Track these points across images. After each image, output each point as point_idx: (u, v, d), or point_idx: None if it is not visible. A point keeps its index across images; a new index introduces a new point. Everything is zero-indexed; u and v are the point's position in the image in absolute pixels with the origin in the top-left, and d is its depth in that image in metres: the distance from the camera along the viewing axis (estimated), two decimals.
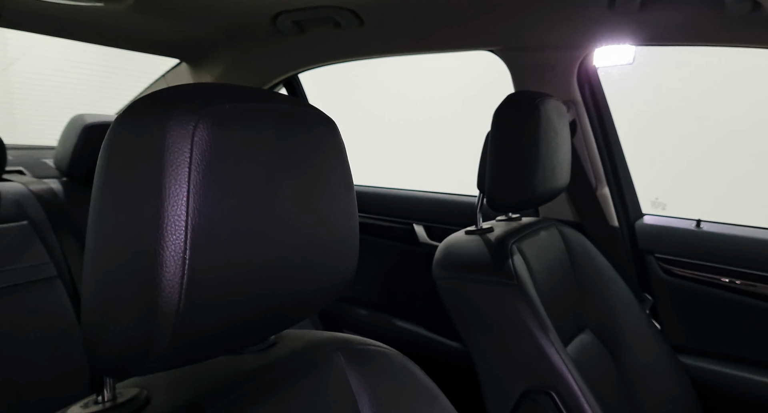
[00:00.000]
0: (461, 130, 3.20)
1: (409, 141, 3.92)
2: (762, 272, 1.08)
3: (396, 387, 0.52)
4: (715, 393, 1.12)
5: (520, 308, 0.79)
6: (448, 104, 3.68)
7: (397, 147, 3.97)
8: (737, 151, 2.41)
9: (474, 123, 1.01)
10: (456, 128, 3.44)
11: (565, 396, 0.75)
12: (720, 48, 0.96)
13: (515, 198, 0.89)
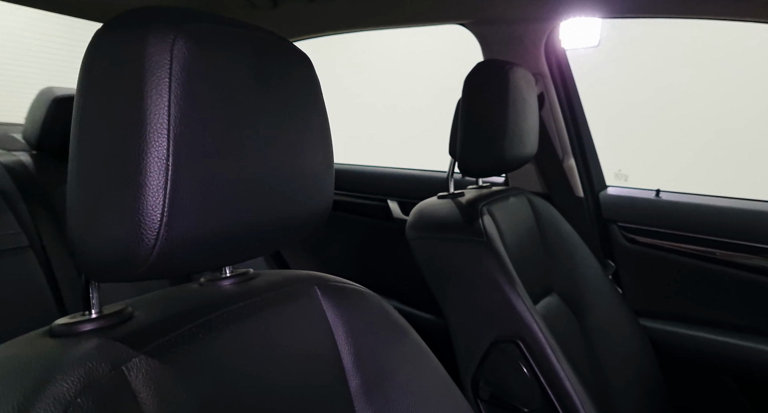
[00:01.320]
0: (435, 101, 3.25)
1: (386, 117, 3.99)
2: (717, 237, 1.15)
3: (369, 320, 0.54)
4: (670, 351, 1.19)
5: (489, 263, 0.83)
6: (423, 78, 3.75)
7: (375, 121, 4.03)
8: (695, 126, 2.60)
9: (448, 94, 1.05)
10: (430, 100, 3.49)
11: (531, 344, 0.79)
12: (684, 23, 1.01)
13: (486, 162, 0.92)
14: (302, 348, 0.48)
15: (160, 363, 0.37)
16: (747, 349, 1.11)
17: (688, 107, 2.62)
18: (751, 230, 1.12)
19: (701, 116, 2.58)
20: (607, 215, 1.28)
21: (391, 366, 0.54)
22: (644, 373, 1.12)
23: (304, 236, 0.49)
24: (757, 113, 2.54)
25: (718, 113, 2.55)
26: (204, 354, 0.40)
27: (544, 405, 0.79)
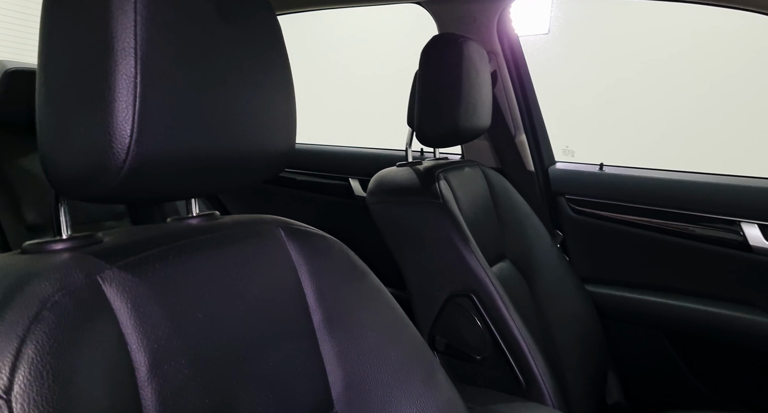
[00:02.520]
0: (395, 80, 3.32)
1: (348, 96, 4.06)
2: (656, 207, 1.25)
3: (331, 262, 0.58)
4: (611, 312, 1.28)
5: (444, 223, 0.88)
6: (382, 57, 3.85)
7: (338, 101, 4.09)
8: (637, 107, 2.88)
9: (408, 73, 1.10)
10: (390, 78, 3.56)
11: (483, 297, 0.85)
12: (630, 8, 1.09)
13: (442, 132, 0.97)
14: (267, 282, 0.52)
15: (133, 276, 0.39)
16: (677, 307, 1.22)
17: (632, 89, 2.92)
18: (686, 199, 1.22)
19: (643, 97, 2.89)
20: (556, 188, 1.36)
21: (352, 303, 0.58)
22: (588, 332, 1.21)
23: (268, 176, 0.52)
24: (697, 94, 2.79)
25: (659, 95, 2.85)
26: (174, 274, 0.43)
27: (494, 352, 0.85)
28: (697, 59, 2.81)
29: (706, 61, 2.80)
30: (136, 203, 0.44)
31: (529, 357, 0.83)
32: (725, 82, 2.78)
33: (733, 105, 2.75)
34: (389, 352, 0.58)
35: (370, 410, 0.56)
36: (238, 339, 0.46)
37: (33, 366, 0.30)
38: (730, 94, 2.77)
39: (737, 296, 1.18)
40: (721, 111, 2.80)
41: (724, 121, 2.78)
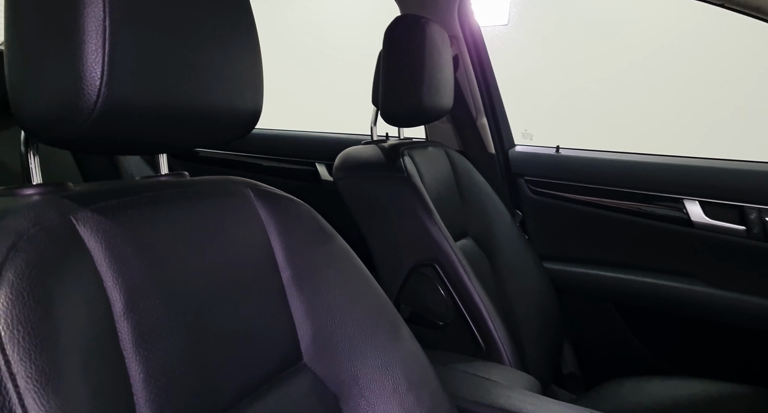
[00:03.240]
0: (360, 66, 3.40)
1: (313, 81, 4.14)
2: (608, 187, 1.32)
3: (299, 222, 0.60)
4: (567, 286, 1.35)
5: (408, 196, 0.91)
6: (348, 40, 3.94)
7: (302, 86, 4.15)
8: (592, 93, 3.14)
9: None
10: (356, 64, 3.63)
11: (446, 266, 0.89)
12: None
13: (406, 110, 1.00)
14: (237, 238, 0.53)
15: (106, 219, 0.40)
16: (627, 281, 1.30)
17: (588, 77, 3.17)
18: (636, 179, 1.29)
19: (599, 84, 3.14)
20: (515, 169, 1.41)
21: (320, 262, 0.61)
22: (545, 306, 1.27)
23: (235, 137, 0.53)
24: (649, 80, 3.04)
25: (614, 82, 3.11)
26: (146, 221, 0.44)
27: (456, 318, 0.89)
28: (652, 48, 3.04)
29: (660, 49, 3.04)
30: (105, 152, 0.44)
31: (489, 322, 0.88)
32: (677, 68, 3.02)
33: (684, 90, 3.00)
34: (355, 308, 0.61)
35: (337, 362, 0.59)
36: (209, 289, 0.48)
37: (14, 288, 0.31)
38: (680, 80, 3.01)
39: (680, 268, 1.27)
40: (671, 96, 3.03)
41: (676, 105, 3.02)
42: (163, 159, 0.54)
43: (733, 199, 1.20)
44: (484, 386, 0.73)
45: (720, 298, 1.21)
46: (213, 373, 0.46)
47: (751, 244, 1.19)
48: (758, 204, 1.18)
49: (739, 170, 1.21)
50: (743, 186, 1.19)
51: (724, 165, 1.23)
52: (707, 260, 1.24)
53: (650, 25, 3.03)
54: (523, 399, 0.70)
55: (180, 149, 0.50)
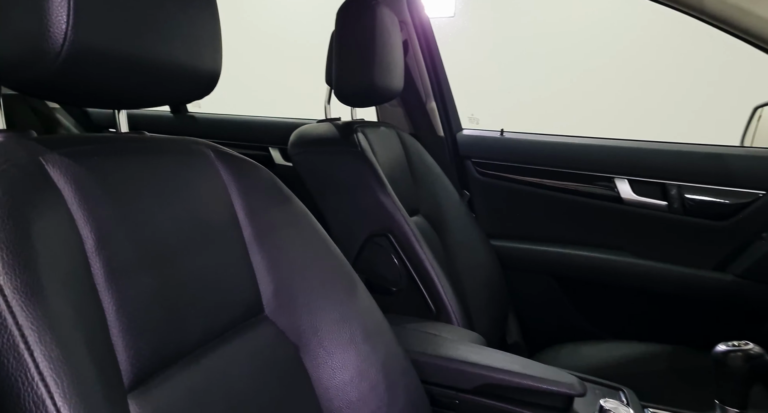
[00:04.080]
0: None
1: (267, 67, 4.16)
2: (548, 167, 1.41)
3: (260, 183, 0.63)
4: (511, 261, 1.44)
5: (362, 169, 0.95)
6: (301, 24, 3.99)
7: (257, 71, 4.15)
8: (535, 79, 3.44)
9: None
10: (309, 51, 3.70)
11: (398, 236, 0.94)
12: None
13: (359, 89, 1.03)
14: (199, 193, 0.56)
15: (74, 162, 0.42)
16: (566, 255, 1.40)
17: (529, 65, 3.48)
18: (573, 160, 1.39)
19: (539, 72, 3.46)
20: (463, 152, 1.49)
21: (280, 222, 0.64)
22: (491, 280, 1.35)
23: (194, 98, 0.56)
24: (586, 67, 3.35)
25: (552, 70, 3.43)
26: (114, 167, 0.46)
27: (409, 284, 0.94)
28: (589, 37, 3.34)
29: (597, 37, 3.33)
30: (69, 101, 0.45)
31: (440, 288, 0.94)
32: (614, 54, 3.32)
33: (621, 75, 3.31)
34: (314, 265, 0.65)
35: (297, 315, 0.63)
36: (175, 237, 0.50)
37: None
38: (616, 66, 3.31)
39: (611, 242, 1.38)
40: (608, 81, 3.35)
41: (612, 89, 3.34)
42: (123, 117, 0.55)
43: (657, 177, 1.32)
44: (433, 340, 0.79)
45: (645, 267, 1.33)
46: (181, 314, 0.48)
47: (672, 217, 1.32)
48: (677, 181, 1.30)
49: (661, 150, 1.33)
50: (665, 165, 1.31)
51: (649, 146, 1.35)
52: (634, 234, 1.36)
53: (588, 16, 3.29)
54: (470, 349, 0.76)
55: (142, 106, 0.51)
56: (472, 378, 0.73)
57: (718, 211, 1.28)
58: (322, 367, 0.63)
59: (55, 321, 0.32)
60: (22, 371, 0.30)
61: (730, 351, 0.69)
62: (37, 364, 0.30)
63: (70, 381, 0.31)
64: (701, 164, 1.29)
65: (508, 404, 0.72)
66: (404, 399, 0.67)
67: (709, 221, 1.29)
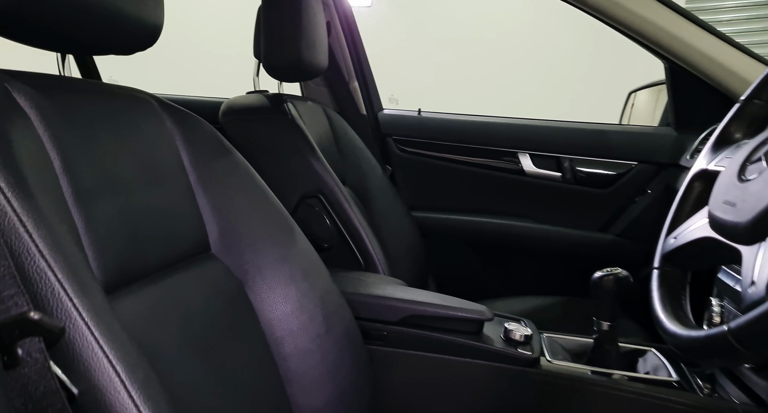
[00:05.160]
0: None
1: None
2: (462, 144, 1.55)
3: (202, 134, 0.68)
4: (432, 231, 1.57)
5: (292, 135, 1.02)
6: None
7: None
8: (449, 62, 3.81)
9: None
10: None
11: (329, 197, 1.02)
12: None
13: (287, 62, 1.09)
14: (150, 137, 0.60)
15: (38, 92, 0.45)
16: (479, 223, 1.55)
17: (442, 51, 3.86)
18: (483, 137, 1.54)
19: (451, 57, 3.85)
20: (384, 130, 1.59)
21: (223, 170, 0.69)
22: (413, 247, 1.47)
23: (137, 49, 0.60)
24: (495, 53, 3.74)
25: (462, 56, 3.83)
26: (73, 101, 0.49)
27: (340, 241, 1.03)
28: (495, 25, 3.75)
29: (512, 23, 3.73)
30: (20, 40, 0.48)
31: (367, 243, 1.03)
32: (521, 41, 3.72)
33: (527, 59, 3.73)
34: (256, 209, 0.71)
35: (241, 254, 0.69)
36: (130, 171, 0.55)
37: None
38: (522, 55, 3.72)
39: (517, 210, 1.56)
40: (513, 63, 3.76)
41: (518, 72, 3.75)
42: (70, 61, 0.58)
43: (553, 151, 1.50)
44: (363, 281, 0.88)
45: (544, 231, 1.52)
46: (139, 240, 0.53)
47: (565, 187, 1.51)
48: (569, 155, 1.50)
49: (556, 128, 1.52)
50: (559, 141, 1.50)
51: (546, 124, 1.53)
52: (535, 202, 1.54)
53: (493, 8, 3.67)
54: (395, 288, 0.86)
55: (89, 53, 0.55)
56: (398, 311, 0.83)
57: (602, 180, 1.49)
58: (265, 301, 0.70)
59: (45, 213, 0.37)
60: (24, 248, 0.35)
61: (604, 275, 0.85)
62: (36, 244, 0.35)
63: (64, 260, 0.36)
64: (588, 140, 1.50)
65: (430, 331, 0.83)
66: (339, 330, 0.75)
67: (595, 189, 1.50)
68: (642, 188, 1.45)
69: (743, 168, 0.53)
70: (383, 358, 0.83)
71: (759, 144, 0.53)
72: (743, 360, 0.47)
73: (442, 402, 0.83)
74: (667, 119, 1.45)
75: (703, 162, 0.67)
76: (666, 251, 0.63)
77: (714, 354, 0.46)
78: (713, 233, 0.54)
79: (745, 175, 0.52)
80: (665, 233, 0.65)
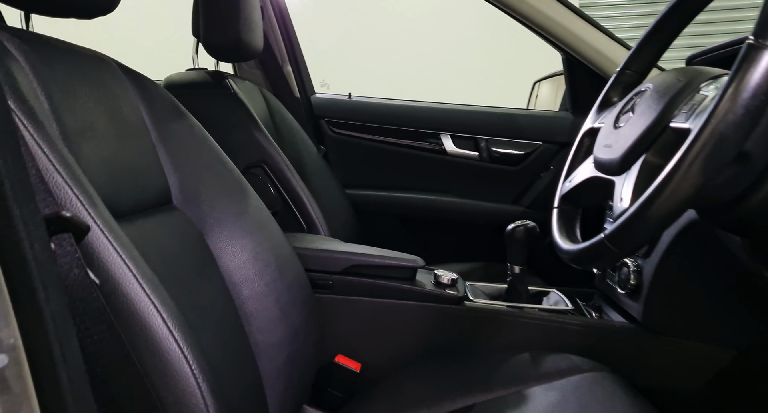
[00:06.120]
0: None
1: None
2: (390, 126, 1.67)
3: (160, 98, 0.74)
4: (364, 208, 1.68)
5: (235, 109, 1.08)
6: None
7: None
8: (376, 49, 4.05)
9: None
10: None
11: (272, 166, 1.09)
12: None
13: (226, 41, 1.14)
14: (115, 96, 0.66)
15: (23, 42, 0.50)
16: (405, 198, 1.68)
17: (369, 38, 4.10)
18: (409, 120, 1.68)
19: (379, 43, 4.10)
20: (317, 112, 1.68)
21: (180, 131, 0.76)
22: (347, 222, 1.57)
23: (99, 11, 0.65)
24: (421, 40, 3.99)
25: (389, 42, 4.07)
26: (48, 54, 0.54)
27: (284, 206, 1.11)
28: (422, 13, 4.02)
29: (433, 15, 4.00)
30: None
31: (309, 208, 1.12)
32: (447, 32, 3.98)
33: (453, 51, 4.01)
34: (211, 168, 0.78)
35: (201, 208, 0.76)
36: (102, 122, 0.60)
37: None
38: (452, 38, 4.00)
39: (440, 187, 1.71)
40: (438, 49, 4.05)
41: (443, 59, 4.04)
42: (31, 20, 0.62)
43: (471, 133, 1.67)
44: (309, 238, 0.97)
45: (465, 205, 1.69)
46: (116, 183, 0.59)
47: (482, 165, 1.68)
48: (485, 136, 1.67)
49: (473, 111, 1.69)
50: (476, 123, 1.67)
51: (465, 108, 1.70)
52: (456, 179, 1.70)
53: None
54: (337, 243, 0.96)
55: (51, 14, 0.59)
56: (342, 262, 0.93)
57: (513, 159, 1.68)
58: (223, 250, 0.77)
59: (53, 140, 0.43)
60: (42, 165, 0.40)
61: (515, 226, 1.00)
62: (53, 163, 0.41)
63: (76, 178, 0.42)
64: (501, 123, 1.68)
65: (369, 278, 0.93)
66: (290, 277, 0.84)
67: (507, 167, 1.68)
68: (546, 164, 1.65)
69: (617, 119, 0.69)
70: (329, 304, 0.93)
71: (628, 100, 0.70)
72: (617, 258, 0.62)
73: (382, 340, 0.94)
74: (566, 104, 1.67)
75: (590, 122, 0.83)
76: (563, 193, 0.78)
77: (596, 257, 0.61)
78: (596, 173, 0.70)
79: (618, 123, 0.68)
80: (562, 180, 0.81)
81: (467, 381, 0.84)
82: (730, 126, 0.48)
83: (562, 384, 0.78)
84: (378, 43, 4.07)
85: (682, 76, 0.65)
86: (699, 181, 0.50)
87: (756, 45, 0.47)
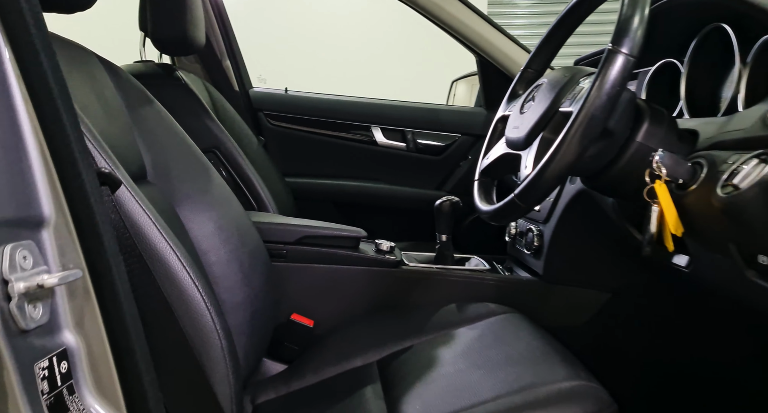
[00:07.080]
0: None
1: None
2: (325, 119, 1.79)
3: (131, 86, 0.83)
4: (303, 195, 1.78)
5: (187, 98, 1.16)
6: None
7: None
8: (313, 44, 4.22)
9: None
10: None
11: (224, 151, 1.19)
12: None
13: (174, 35, 1.20)
14: (98, 80, 0.74)
15: None
16: (340, 185, 1.82)
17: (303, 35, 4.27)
18: (342, 113, 1.81)
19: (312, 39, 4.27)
20: (256, 105, 1.77)
21: (149, 114, 0.85)
22: (286, 210, 1.67)
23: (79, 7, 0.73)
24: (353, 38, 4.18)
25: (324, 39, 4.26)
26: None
27: (235, 189, 1.20)
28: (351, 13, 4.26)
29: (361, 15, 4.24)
30: None
31: (259, 189, 1.22)
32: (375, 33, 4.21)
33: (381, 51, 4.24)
34: (179, 148, 0.88)
35: (171, 183, 0.85)
36: (91, 103, 0.69)
37: None
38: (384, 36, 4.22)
39: (372, 175, 1.86)
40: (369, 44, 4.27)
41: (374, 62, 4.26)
42: None
43: (398, 125, 1.84)
44: (264, 214, 1.07)
45: (394, 191, 1.85)
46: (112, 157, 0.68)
47: (409, 155, 1.86)
48: (411, 128, 1.85)
49: (400, 106, 1.86)
50: (403, 117, 1.85)
51: (393, 103, 1.87)
52: (386, 168, 1.86)
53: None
54: (290, 218, 1.08)
55: None
56: (295, 233, 1.05)
57: (436, 149, 1.87)
58: (193, 220, 0.86)
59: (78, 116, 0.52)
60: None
61: (443, 201, 1.18)
62: (85, 134, 0.50)
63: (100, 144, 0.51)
64: (425, 117, 1.87)
65: (319, 247, 1.06)
66: (251, 246, 0.95)
67: (431, 157, 1.87)
68: (465, 154, 1.86)
69: (522, 106, 0.87)
70: (284, 271, 1.05)
71: (530, 92, 0.89)
72: (523, 212, 0.79)
73: (331, 300, 1.07)
74: (480, 101, 1.89)
75: (501, 111, 1.02)
76: (482, 168, 0.96)
77: (509, 212, 0.79)
78: (508, 149, 0.88)
79: (523, 110, 0.86)
80: (481, 158, 0.99)
81: (405, 328, 0.99)
82: (598, 108, 0.67)
83: (482, 325, 0.96)
84: (314, 39, 4.23)
85: (567, 73, 0.85)
86: (578, 150, 0.69)
87: (613, 50, 0.67)
